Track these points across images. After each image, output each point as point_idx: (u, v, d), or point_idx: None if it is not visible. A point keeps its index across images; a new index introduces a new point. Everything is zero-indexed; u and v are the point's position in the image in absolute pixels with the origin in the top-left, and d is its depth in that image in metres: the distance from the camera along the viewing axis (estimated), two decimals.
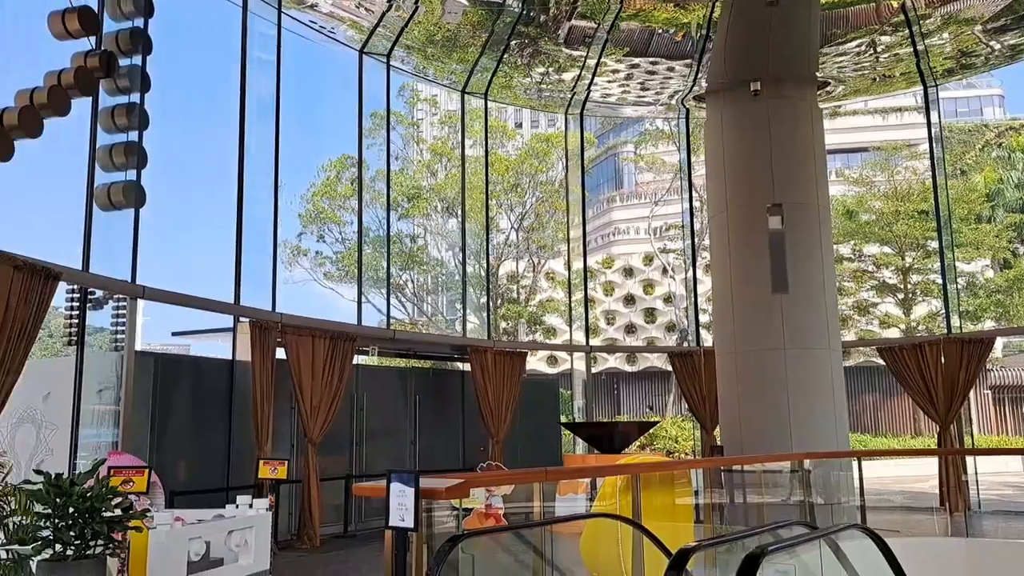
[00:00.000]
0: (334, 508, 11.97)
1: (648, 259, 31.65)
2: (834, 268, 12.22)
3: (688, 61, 15.49)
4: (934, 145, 15.30)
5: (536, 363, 26.99)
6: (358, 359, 12.76)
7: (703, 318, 19.60)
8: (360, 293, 13.77)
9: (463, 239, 15.54)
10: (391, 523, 4.07)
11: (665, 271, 30.59)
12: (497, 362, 13.95)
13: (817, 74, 12.55)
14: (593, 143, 31.62)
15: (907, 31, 14.22)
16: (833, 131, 18.10)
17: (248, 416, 10.72)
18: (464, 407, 14.45)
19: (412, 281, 25.12)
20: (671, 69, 15.82)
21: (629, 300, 31.39)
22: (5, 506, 4.62)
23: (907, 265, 26.22)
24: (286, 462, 8.85)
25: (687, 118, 17.09)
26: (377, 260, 22.32)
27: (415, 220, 24.73)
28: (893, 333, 25.66)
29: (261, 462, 8.84)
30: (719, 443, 12.47)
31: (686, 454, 22.12)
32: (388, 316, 14.64)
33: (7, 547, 4.82)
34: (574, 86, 16.16)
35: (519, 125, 36.06)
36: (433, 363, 14.98)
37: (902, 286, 26.58)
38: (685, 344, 24.89)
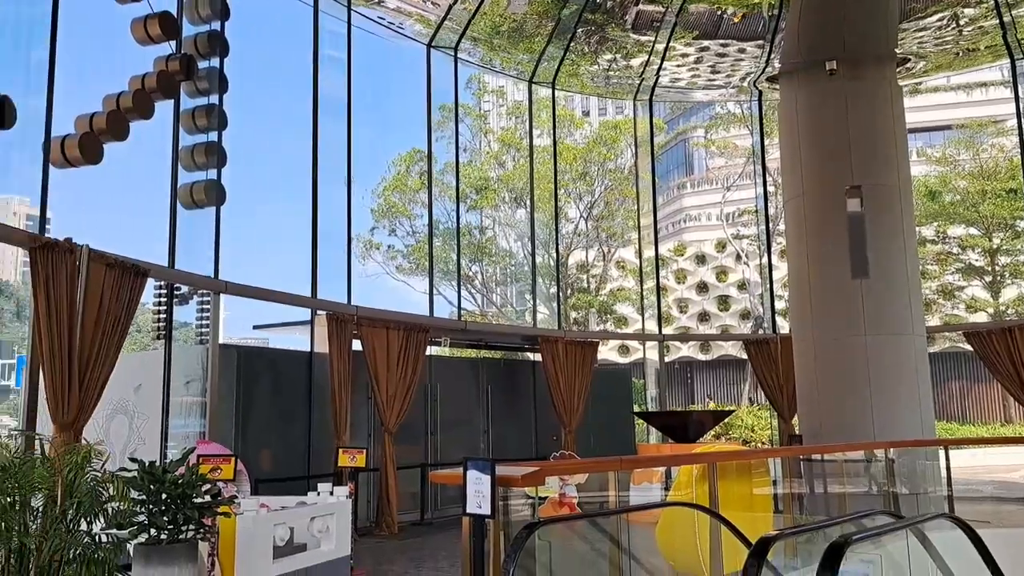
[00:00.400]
0: (411, 496, 12.19)
1: (721, 246, 31.10)
2: (917, 251, 11.79)
3: (760, 42, 15.12)
4: (1023, 121, 14.59)
5: (607, 353, 26.87)
6: (431, 350, 12.95)
7: (779, 304, 19.18)
8: (431, 285, 13.93)
9: (532, 229, 15.57)
10: (468, 510, 4.11)
11: (739, 257, 30.01)
12: (568, 352, 13.95)
13: (896, 50, 12.10)
14: (662, 129, 31.19)
15: (992, 2, 13.57)
16: (914, 109, 17.42)
17: (327, 406, 11.01)
18: (536, 397, 14.52)
19: (482, 272, 25.29)
20: (742, 51, 15.48)
21: (702, 288, 30.93)
22: (104, 492, 4.88)
23: (995, 246, 25.09)
24: (364, 451, 9.06)
25: (760, 100, 16.70)
26: (447, 252, 22.56)
27: (483, 212, 24.89)
28: (980, 317, 24.61)
29: (340, 451, 9.07)
30: (797, 432, 12.20)
31: (763, 443, 21.72)
32: (459, 307, 14.83)
33: (107, 531, 5.07)
34: (642, 72, 15.97)
35: (586, 113, 35.82)
36: (504, 353, 15.09)
37: (989, 268, 25.46)
38: (760, 331, 24.42)
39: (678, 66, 16.06)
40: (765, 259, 18.11)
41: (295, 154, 12.03)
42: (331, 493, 8.29)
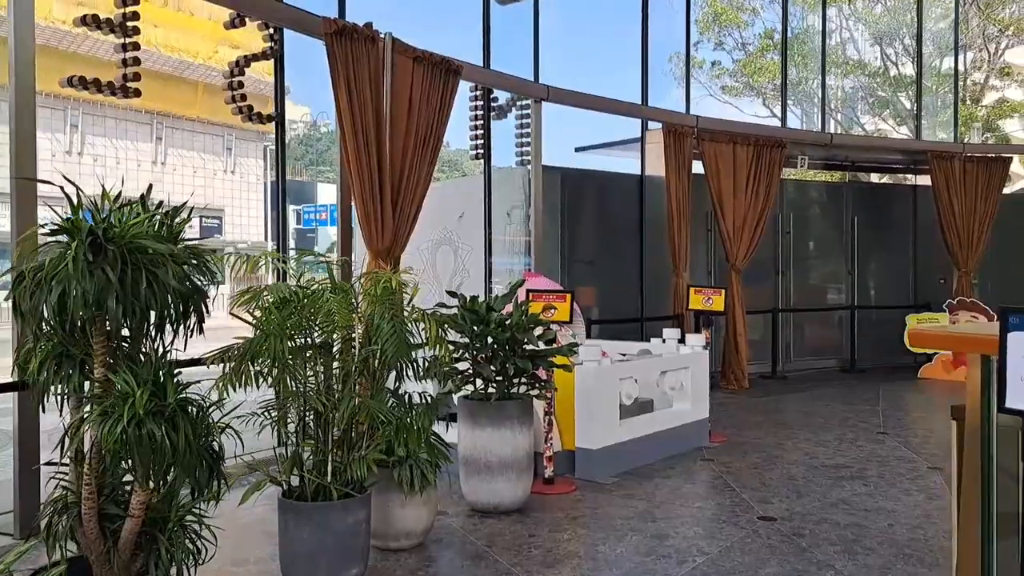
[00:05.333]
0: (755, 345, 10.39)
1: None
2: None
3: None
4: None
5: None
6: (784, 173, 10.60)
7: None
8: (784, 91, 11.29)
9: (919, 19, 11.90)
10: (1010, 404, 2.30)
11: None
12: (967, 172, 10.76)
13: None
14: None
15: None
16: None
17: (660, 237, 9.41)
18: (916, 230, 11.61)
19: (822, 86, 21.41)
20: None
21: None
22: (412, 336, 3.59)
23: None
24: (722, 291, 7.26)
25: None
26: (776, 66, 19.16)
27: (827, 14, 20.66)
28: None
29: (692, 291, 7.37)
30: None
31: None
32: (823, 118, 12.00)
33: (422, 382, 3.88)
34: None
35: None
36: (870, 177, 12.15)
37: None
38: None
39: None
40: None
41: None
42: (680, 341, 6.73)
